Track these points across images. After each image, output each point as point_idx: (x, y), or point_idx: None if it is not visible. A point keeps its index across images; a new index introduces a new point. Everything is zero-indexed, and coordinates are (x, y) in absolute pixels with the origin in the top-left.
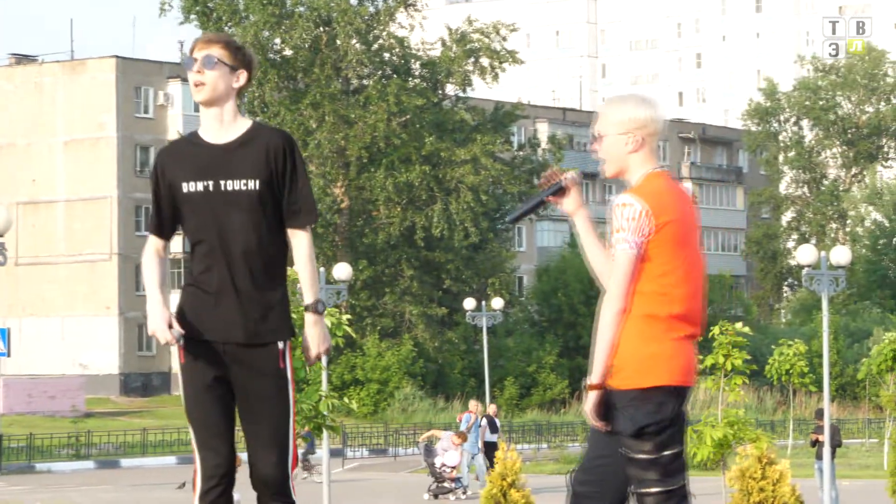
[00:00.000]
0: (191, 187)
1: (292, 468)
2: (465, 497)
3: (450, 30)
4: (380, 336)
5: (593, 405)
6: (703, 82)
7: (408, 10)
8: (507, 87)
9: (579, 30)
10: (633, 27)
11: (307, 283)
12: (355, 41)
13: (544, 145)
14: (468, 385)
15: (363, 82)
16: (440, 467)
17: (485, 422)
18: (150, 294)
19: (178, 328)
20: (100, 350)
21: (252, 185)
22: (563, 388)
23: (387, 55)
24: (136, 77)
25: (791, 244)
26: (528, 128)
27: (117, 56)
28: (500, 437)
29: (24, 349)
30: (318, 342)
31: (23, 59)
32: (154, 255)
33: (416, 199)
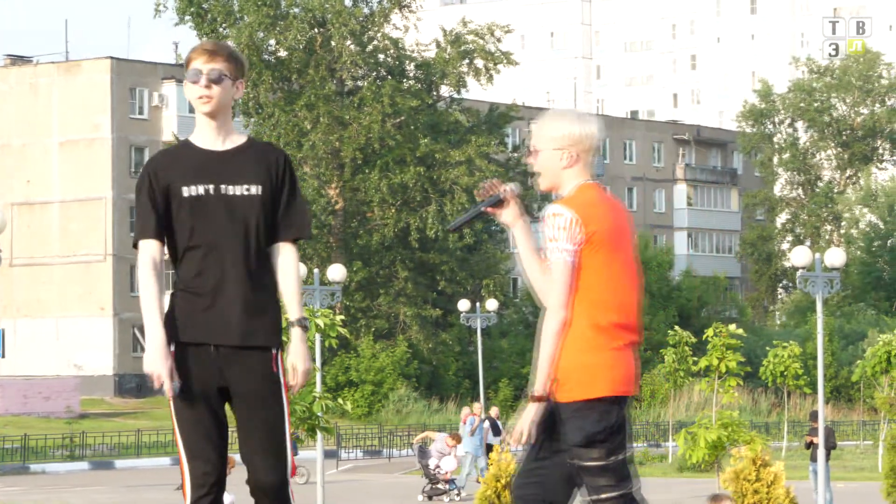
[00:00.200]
0: (192, 190)
1: (291, 474)
2: (458, 498)
3: (444, 31)
4: (374, 337)
5: (539, 417)
6: (698, 84)
7: (402, 11)
8: (501, 89)
9: (574, 31)
10: (628, 28)
11: (294, 298)
12: (350, 42)
13: None
14: (462, 386)
15: (358, 83)
16: (434, 469)
17: (487, 424)
18: (151, 325)
19: (178, 380)
20: (94, 351)
21: (255, 190)
22: None
23: (381, 56)
24: (131, 78)
25: (785, 246)
26: (522, 129)
27: (112, 57)
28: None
29: (18, 350)
30: (304, 358)
31: (18, 59)
32: (152, 268)
33: (411, 201)
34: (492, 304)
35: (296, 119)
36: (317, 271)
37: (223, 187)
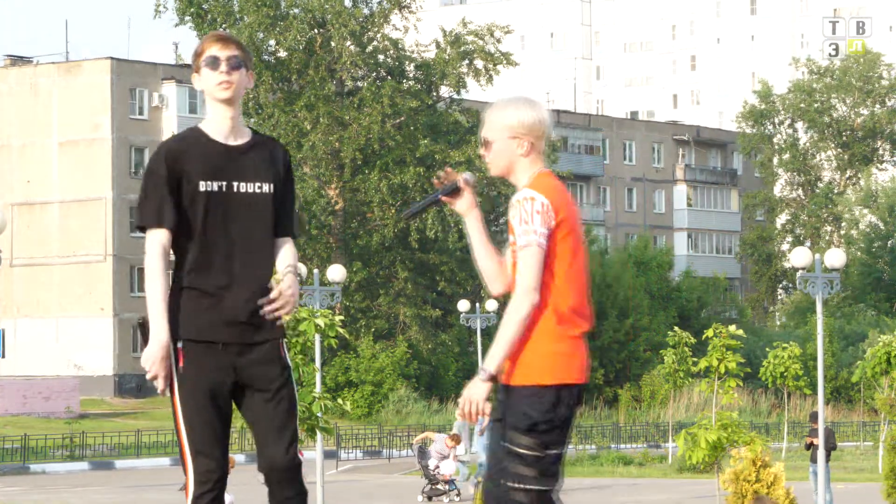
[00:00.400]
0: (208, 186)
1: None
2: (458, 499)
3: (444, 32)
4: (374, 338)
5: (484, 396)
6: (698, 84)
7: (402, 11)
8: (501, 89)
9: (573, 32)
10: (628, 29)
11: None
12: (349, 43)
13: None
14: (462, 387)
15: (357, 84)
16: (434, 469)
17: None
18: (155, 319)
19: (170, 383)
20: (94, 351)
21: (266, 188)
22: None
23: (381, 57)
24: (131, 78)
25: (785, 247)
26: None
27: (112, 57)
28: None
29: (18, 350)
30: (291, 284)
31: (18, 60)
32: (162, 256)
33: (411, 201)
34: (491, 305)
35: (296, 119)
36: (317, 272)
37: (236, 185)
